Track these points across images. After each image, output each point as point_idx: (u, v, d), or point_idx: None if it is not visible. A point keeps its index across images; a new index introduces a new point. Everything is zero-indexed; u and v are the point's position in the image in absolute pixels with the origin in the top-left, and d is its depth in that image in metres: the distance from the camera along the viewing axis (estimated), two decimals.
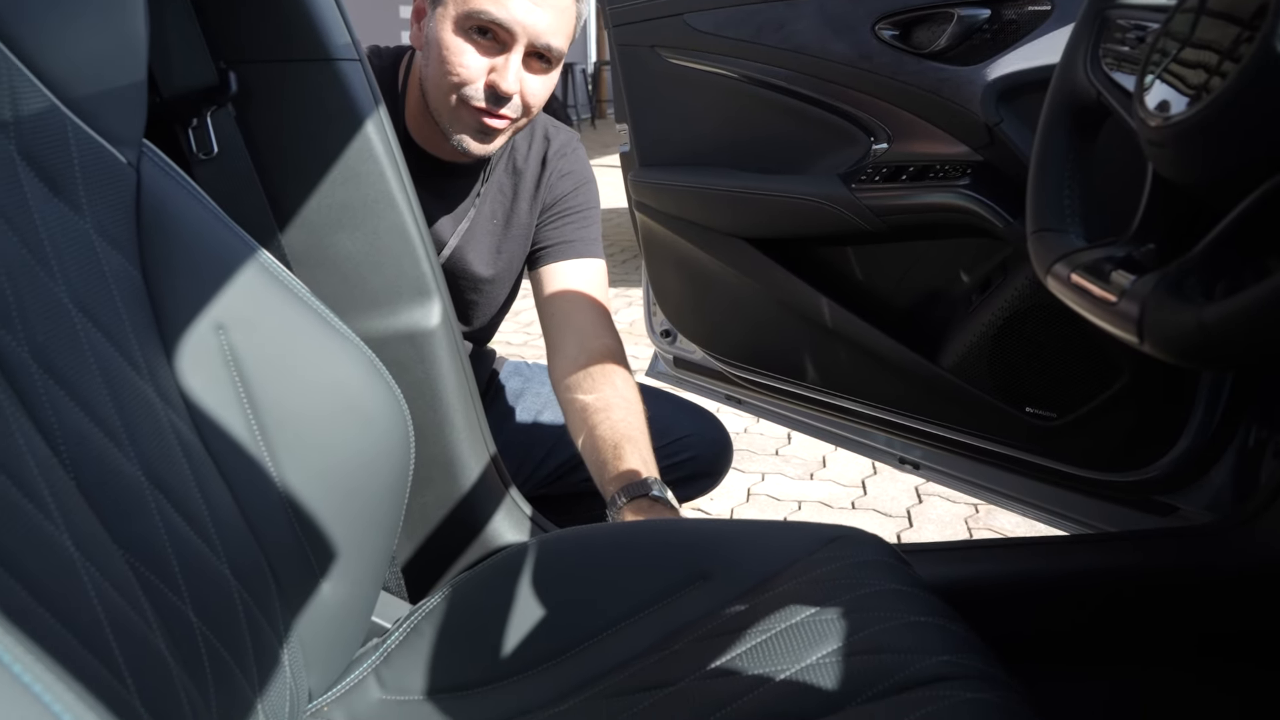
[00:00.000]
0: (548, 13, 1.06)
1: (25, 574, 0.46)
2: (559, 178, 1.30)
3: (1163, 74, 0.55)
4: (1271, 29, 0.46)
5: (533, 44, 1.07)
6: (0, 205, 0.56)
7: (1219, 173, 0.51)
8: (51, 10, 0.62)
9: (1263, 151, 0.48)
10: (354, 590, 0.76)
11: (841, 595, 0.77)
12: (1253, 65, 0.47)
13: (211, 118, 0.79)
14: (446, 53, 1.06)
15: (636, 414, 1.13)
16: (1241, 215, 0.49)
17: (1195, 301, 0.48)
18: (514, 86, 1.08)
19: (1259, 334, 0.44)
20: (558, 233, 1.29)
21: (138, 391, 0.62)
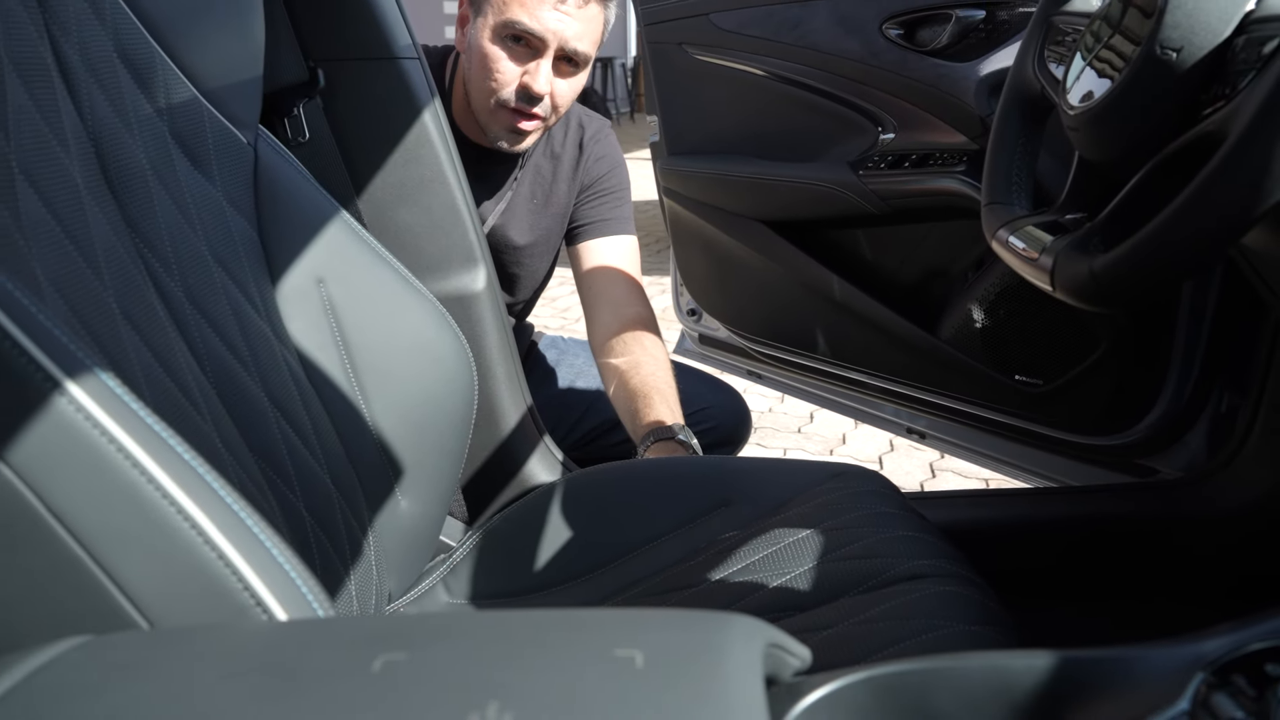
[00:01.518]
0: (576, 21, 1.18)
1: None
2: (595, 161, 1.42)
3: (1080, 69, 0.68)
4: (1153, 36, 0.59)
5: (562, 49, 1.19)
6: (159, 173, 0.71)
7: (1117, 152, 0.64)
8: (195, 20, 0.77)
9: (1148, 135, 0.61)
10: (425, 508, 0.90)
11: (842, 516, 0.91)
12: (1137, 65, 0.60)
13: (303, 109, 0.94)
14: (485, 59, 1.19)
15: (665, 370, 1.26)
16: (1133, 187, 0.62)
17: (1092, 254, 0.61)
18: (545, 88, 1.19)
19: (1131, 279, 0.57)
20: (594, 211, 1.42)
21: (259, 329, 0.76)
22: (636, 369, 1.24)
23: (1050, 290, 0.66)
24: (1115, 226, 0.63)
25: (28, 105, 0.57)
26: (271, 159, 0.82)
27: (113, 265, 0.61)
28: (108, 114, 0.65)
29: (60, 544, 0.44)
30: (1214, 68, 0.58)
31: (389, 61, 0.97)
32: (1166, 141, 0.60)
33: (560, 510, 1.00)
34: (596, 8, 1.21)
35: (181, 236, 0.70)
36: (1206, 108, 0.58)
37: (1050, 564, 1.21)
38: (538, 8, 1.15)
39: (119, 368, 0.57)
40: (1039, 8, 0.81)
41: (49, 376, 0.44)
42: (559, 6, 1.16)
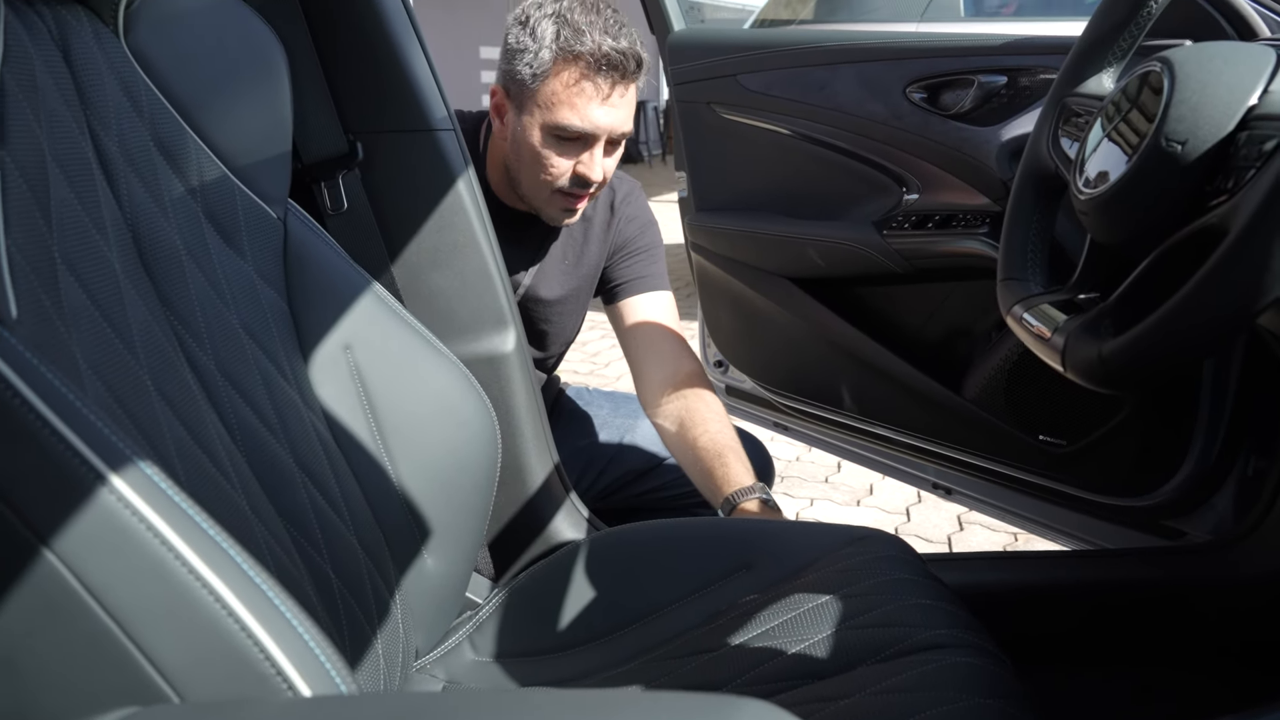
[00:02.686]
0: (620, 111, 1.22)
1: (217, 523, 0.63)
2: (626, 222, 1.46)
3: (1090, 154, 0.69)
4: (1158, 128, 0.61)
5: (609, 137, 1.24)
6: (192, 252, 0.74)
7: (1126, 236, 0.65)
8: (225, 101, 0.81)
9: (1155, 222, 0.62)
10: (451, 566, 0.92)
11: (861, 582, 0.92)
12: (1144, 155, 0.61)
13: (343, 179, 0.98)
14: (537, 156, 1.23)
15: (729, 426, 1.27)
16: (1142, 272, 0.64)
17: (1102, 338, 0.63)
18: (599, 174, 1.25)
19: (1138, 365, 0.58)
20: (630, 270, 1.45)
21: (288, 397, 0.79)
22: (703, 426, 1.25)
23: (1062, 371, 0.67)
24: (1125, 309, 0.64)
25: (70, 198, 0.60)
26: (300, 232, 0.85)
27: (148, 344, 0.64)
28: (144, 200, 0.69)
29: (96, 621, 0.46)
30: (1218, 160, 0.59)
31: (426, 133, 1.00)
32: (1173, 229, 0.62)
33: (585, 570, 1.01)
34: (634, 88, 1.25)
35: (214, 311, 0.73)
36: (1212, 199, 0.59)
37: (1071, 628, 1.20)
38: (585, 108, 1.19)
39: (153, 443, 0.60)
40: (1053, 88, 0.83)
41: (89, 465, 0.46)
42: (605, 103, 1.20)
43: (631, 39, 1.21)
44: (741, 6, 10.68)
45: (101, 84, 0.68)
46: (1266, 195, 0.50)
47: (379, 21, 0.95)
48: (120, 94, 0.70)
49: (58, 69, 0.64)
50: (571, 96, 1.18)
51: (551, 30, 1.17)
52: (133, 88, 0.71)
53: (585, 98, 1.18)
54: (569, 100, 1.19)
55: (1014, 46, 1.35)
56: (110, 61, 0.70)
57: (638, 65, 1.20)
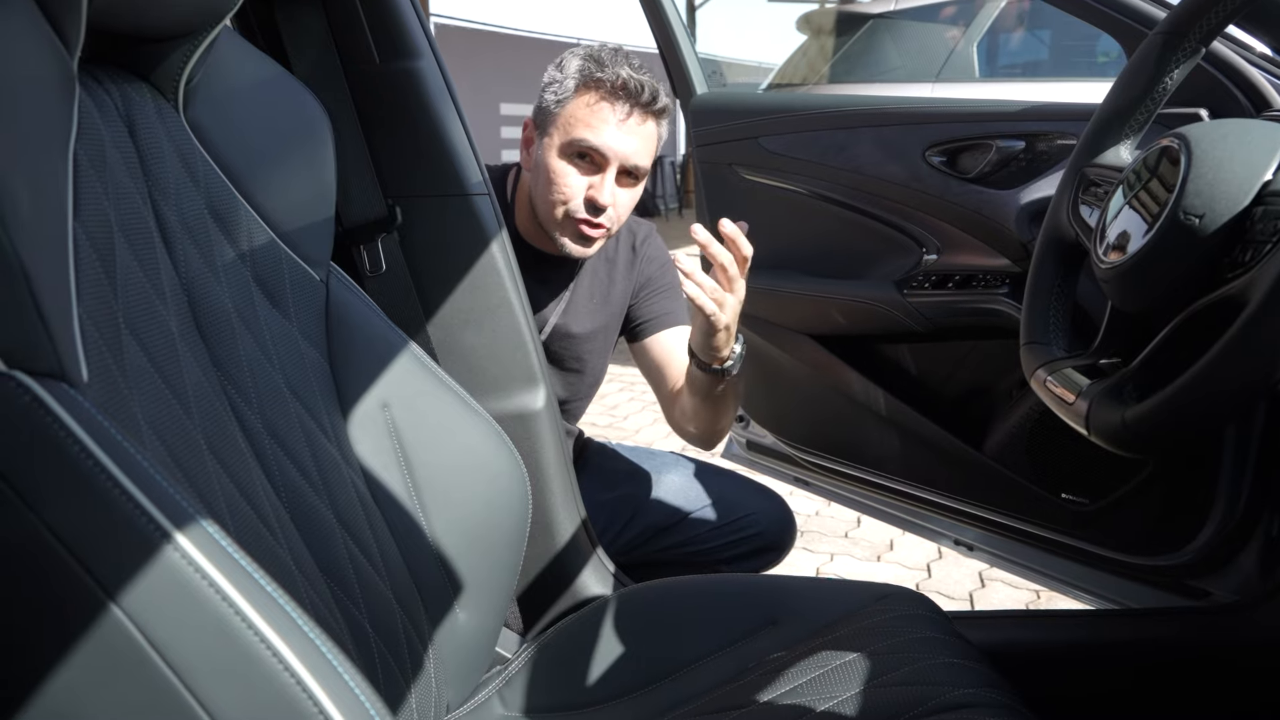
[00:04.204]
0: (635, 139, 1.28)
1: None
2: (647, 261, 1.52)
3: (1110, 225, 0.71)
4: (1176, 202, 0.63)
5: (623, 165, 1.28)
6: (242, 315, 0.77)
7: (1146, 305, 0.67)
8: (273, 169, 0.84)
9: (1174, 292, 0.64)
10: (482, 621, 0.94)
11: (888, 640, 0.92)
12: (1162, 228, 0.64)
13: (382, 242, 1.01)
14: (553, 174, 1.28)
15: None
16: (1163, 339, 0.65)
17: (1125, 403, 0.64)
18: (609, 199, 1.28)
19: (1161, 432, 0.60)
20: (655, 306, 1.51)
21: (329, 454, 0.82)
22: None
23: (1086, 434, 0.68)
24: (1147, 375, 0.66)
25: (133, 265, 0.63)
26: (341, 293, 0.88)
27: (201, 404, 0.66)
28: (199, 265, 0.72)
29: (159, 675, 0.48)
30: (1235, 234, 0.61)
31: (461, 198, 1.04)
32: (1193, 298, 0.64)
33: (613, 625, 1.02)
34: (653, 125, 1.31)
35: (261, 372, 0.76)
36: (1230, 270, 0.61)
37: (1097, 689, 1.19)
38: (601, 127, 1.26)
39: (206, 500, 0.62)
40: (1072, 158, 0.86)
41: (156, 523, 0.49)
42: (620, 126, 1.26)
43: (654, 80, 1.29)
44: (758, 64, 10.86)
45: (162, 156, 0.71)
46: None
47: (419, 93, 0.99)
48: (179, 165, 0.73)
49: (123, 143, 0.68)
50: (589, 116, 1.26)
51: (577, 64, 1.28)
52: (190, 159, 0.75)
53: (601, 118, 1.26)
54: (586, 119, 1.26)
55: (1031, 113, 1.38)
56: (170, 134, 0.73)
57: (654, 97, 1.27)
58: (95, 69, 0.70)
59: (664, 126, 1.34)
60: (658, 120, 1.32)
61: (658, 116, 1.31)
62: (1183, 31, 0.75)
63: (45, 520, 0.48)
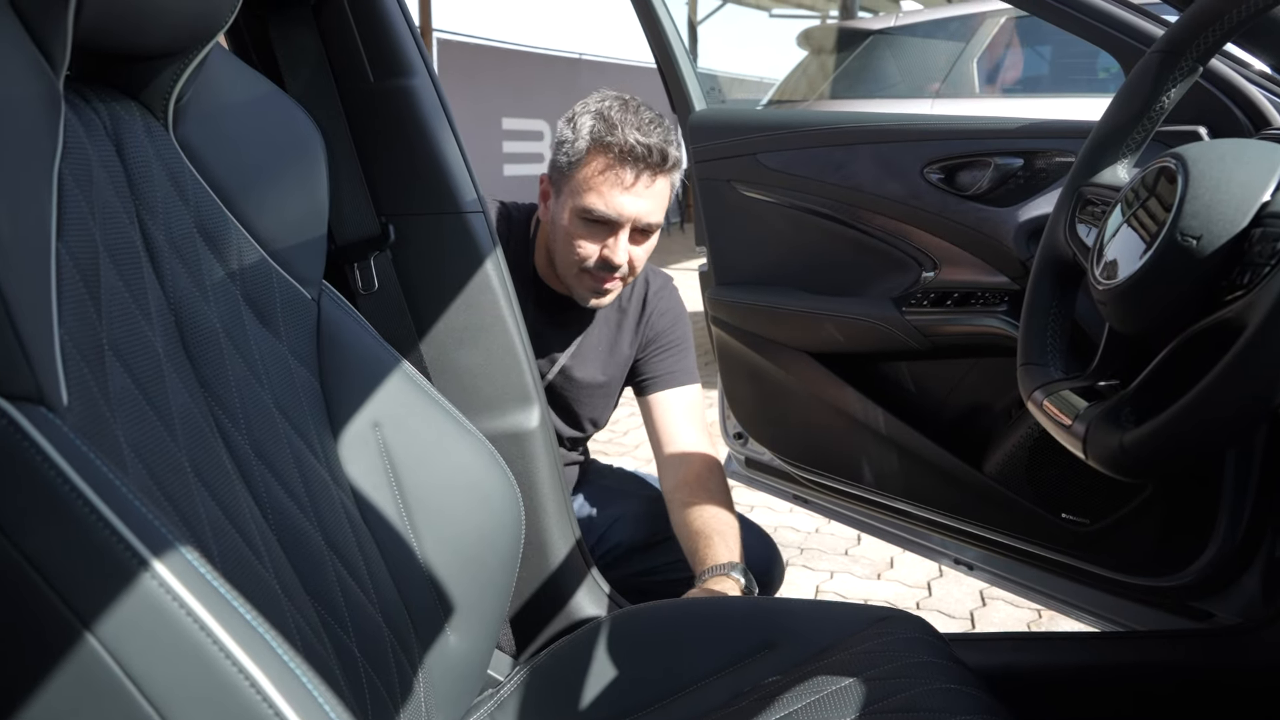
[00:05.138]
0: (646, 201, 1.31)
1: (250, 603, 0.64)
2: (658, 316, 1.55)
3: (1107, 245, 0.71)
4: (1174, 223, 0.62)
5: (635, 225, 1.32)
6: (230, 334, 0.77)
7: (1144, 326, 0.66)
8: (265, 187, 0.84)
9: (1172, 314, 0.64)
10: (474, 643, 0.92)
11: (884, 665, 0.91)
12: (1160, 250, 0.63)
13: (374, 260, 1.00)
14: (567, 237, 1.32)
15: (729, 515, 1.37)
16: (1161, 362, 0.65)
17: (1124, 427, 0.63)
18: (623, 259, 1.33)
19: (1159, 456, 0.59)
20: (660, 365, 1.54)
21: (318, 475, 0.81)
22: (701, 514, 1.34)
23: (1084, 458, 0.67)
24: (1145, 398, 0.65)
25: (119, 286, 0.63)
26: (332, 312, 0.88)
27: (187, 426, 0.65)
28: (187, 285, 0.71)
29: (135, 705, 0.47)
30: (1233, 255, 0.60)
31: (455, 215, 1.03)
32: (1191, 320, 0.63)
33: (607, 648, 1.01)
34: (664, 183, 1.33)
35: (249, 392, 0.75)
36: (1228, 293, 0.60)
37: (1098, 714, 1.18)
38: (610, 195, 1.29)
39: (190, 525, 0.61)
40: (1069, 178, 0.85)
41: (133, 550, 0.48)
42: (630, 190, 1.29)
43: (664, 136, 1.31)
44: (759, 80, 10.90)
45: (150, 175, 0.71)
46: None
47: (414, 111, 0.99)
48: (168, 183, 0.73)
49: (111, 162, 0.67)
50: (599, 183, 1.28)
51: (589, 124, 1.29)
52: (179, 177, 0.74)
53: (610, 185, 1.28)
54: (596, 186, 1.28)
55: (1030, 130, 1.38)
56: (159, 153, 0.73)
57: (662, 159, 1.29)
58: (84, 88, 0.70)
59: (676, 176, 1.36)
60: (669, 176, 1.34)
61: (668, 174, 1.33)
62: (1180, 50, 0.74)
63: (20, 546, 0.47)
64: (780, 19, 16.73)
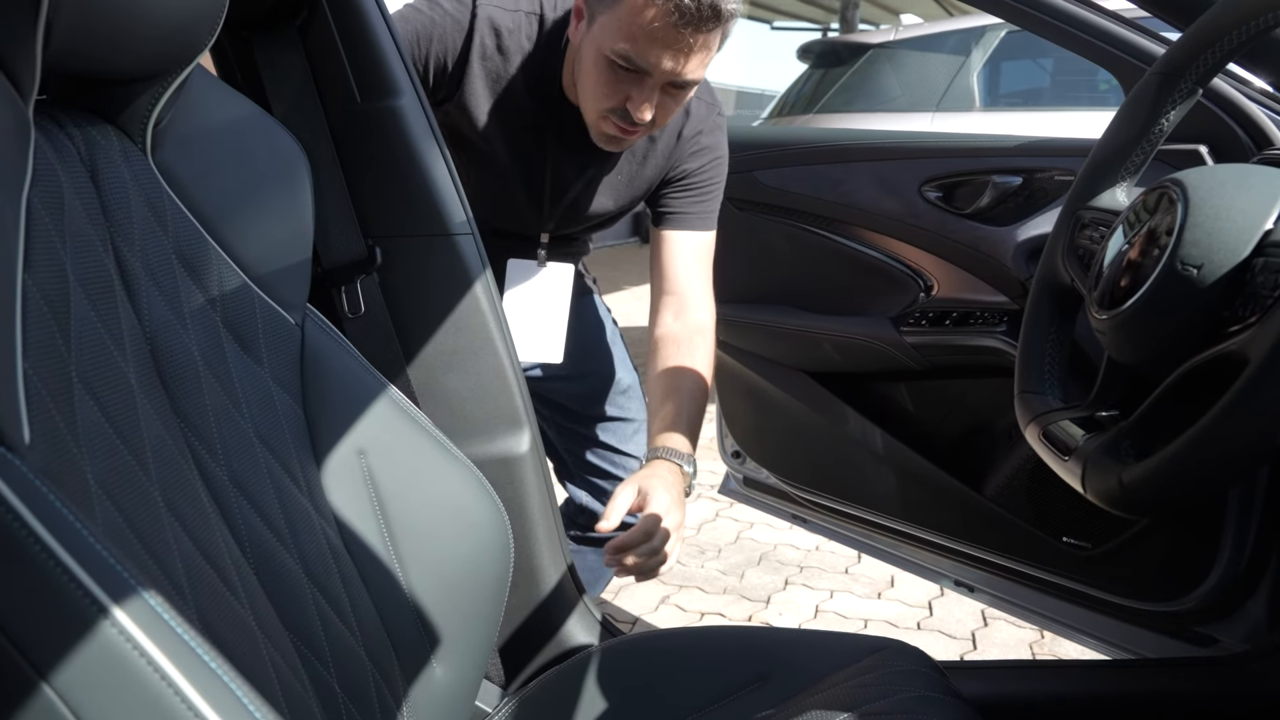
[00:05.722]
0: (684, 57, 1.12)
1: (227, 645, 0.62)
2: (690, 155, 1.38)
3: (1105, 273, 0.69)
4: (1173, 251, 0.61)
5: (671, 81, 1.15)
6: (209, 362, 0.75)
7: (1144, 357, 0.64)
8: (248, 212, 0.82)
9: (1173, 345, 0.62)
10: (460, 675, 0.90)
11: (880, 699, 0.89)
12: (1160, 279, 0.61)
13: (360, 283, 0.99)
14: (591, 74, 1.17)
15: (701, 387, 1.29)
16: (1161, 394, 0.63)
17: (1123, 461, 0.61)
18: (647, 117, 1.17)
19: (1159, 494, 0.57)
20: (679, 203, 1.39)
21: (299, 505, 0.79)
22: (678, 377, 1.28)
23: (1082, 493, 0.65)
24: (1144, 431, 0.63)
25: (90, 316, 0.61)
26: (317, 337, 0.86)
27: (160, 458, 0.64)
28: (164, 312, 0.70)
29: None
30: (1235, 286, 0.58)
31: (444, 238, 1.01)
32: (1192, 352, 0.61)
33: (597, 679, 0.99)
34: (713, 37, 1.13)
35: (228, 421, 0.73)
36: (1230, 325, 0.58)
37: None
38: (648, 44, 1.11)
39: (161, 563, 0.59)
40: (1067, 201, 0.83)
41: (91, 596, 0.46)
42: (672, 46, 1.10)
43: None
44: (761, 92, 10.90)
45: (126, 201, 0.69)
46: None
47: (401, 132, 0.97)
48: (145, 209, 0.71)
49: (84, 189, 0.66)
50: (637, 29, 1.10)
51: None
52: (157, 202, 0.73)
53: (650, 35, 1.09)
54: (634, 32, 1.10)
55: (1028, 148, 1.36)
56: (136, 178, 0.71)
57: (714, 15, 1.09)
58: (58, 112, 0.68)
59: (732, 25, 1.15)
60: (721, 29, 1.13)
61: (721, 27, 1.12)
62: (1179, 72, 0.73)
63: None
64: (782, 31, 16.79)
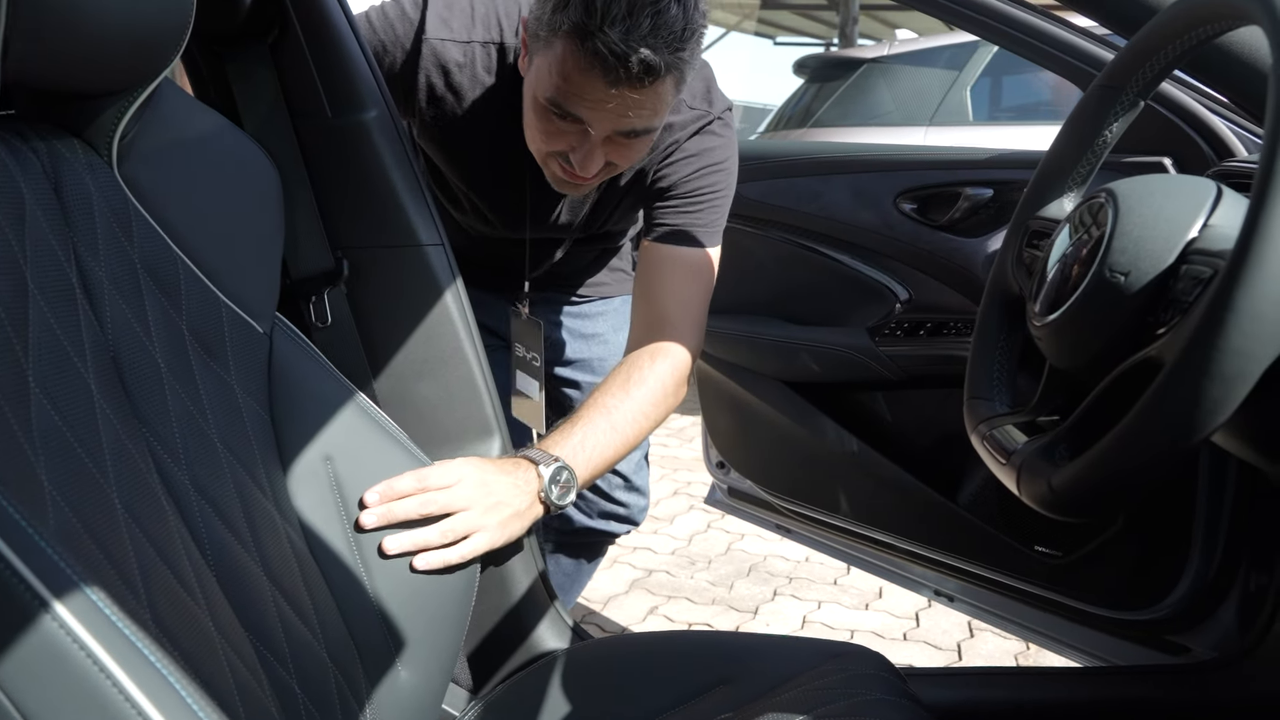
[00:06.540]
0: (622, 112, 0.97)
1: (182, 646, 0.64)
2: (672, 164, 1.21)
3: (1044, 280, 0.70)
4: (1102, 259, 0.62)
5: (616, 132, 1.01)
6: (174, 370, 0.77)
7: (1079, 362, 0.66)
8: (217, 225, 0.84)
9: (1105, 350, 0.63)
10: (426, 679, 0.92)
11: (836, 702, 0.90)
12: (1089, 286, 0.63)
13: (328, 295, 1.00)
14: (530, 118, 1.05)
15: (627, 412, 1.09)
16: (1094, 399, 0.64)
17: (1056, 465, 0.63)
18: (589, 173, 1.05)
19: (1086, 497, 0.58)
20: (663, 215, 1.23)
21: (263, 509, 0.80)
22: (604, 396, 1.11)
23: (1017, 495, 0.67)
24: (1078, 436, 0.64)
25: (49, 324, 0.63)
26: (285, 346, 0.88)
27: (120, 463, 0.65)
28: (128, 321, 0.71)
29: None
30: (1161, 292, 0.60)
31: (413, 248, 1.03)
32: (1124, 356, 0.62)
33: (562, 683, 1.00)
34: (660, 86, 0.97)
35: (191, 426, 0.75)
36: (1156, 329, 0.60)
37: None
38: (577, 100, 0.98)
39: (117, 564, 0.60)
40: (1016, 211, 0.85)
41: (33, 591, 0.48)
42: (605, 102, 0.96)
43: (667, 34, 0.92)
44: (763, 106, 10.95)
45: (90, 212, 0.71)
46: (1194, 331, 0.51)
47: (371, 145, 0.99)
48: (109, 220, 0.73)
49: (47, 200, 0.68)
50: (561, 79, 0.97)
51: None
52: (122, 214, 0.75)
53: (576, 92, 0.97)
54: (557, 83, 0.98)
55: (999, 160, 1.38)
56: (101, 190, 0.73)
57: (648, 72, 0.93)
58: (24, 127, 0.70)
59: (688, 69, 0.99)
60: (668, 78, 0.97)
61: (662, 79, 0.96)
62: (1120, 84, 0.75)
63: None
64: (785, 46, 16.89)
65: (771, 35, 14.77)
